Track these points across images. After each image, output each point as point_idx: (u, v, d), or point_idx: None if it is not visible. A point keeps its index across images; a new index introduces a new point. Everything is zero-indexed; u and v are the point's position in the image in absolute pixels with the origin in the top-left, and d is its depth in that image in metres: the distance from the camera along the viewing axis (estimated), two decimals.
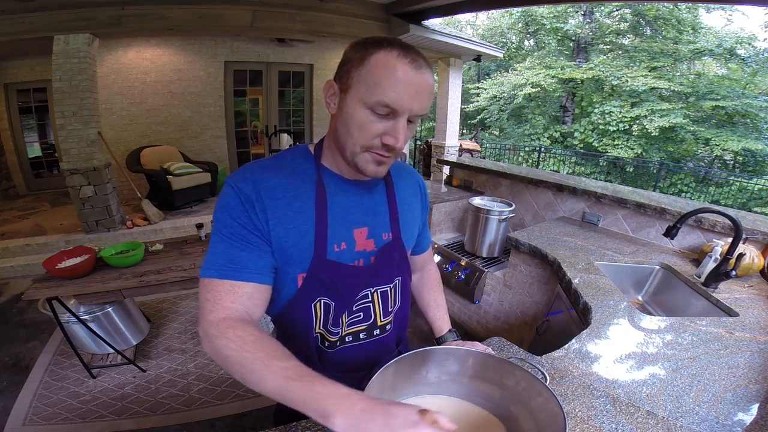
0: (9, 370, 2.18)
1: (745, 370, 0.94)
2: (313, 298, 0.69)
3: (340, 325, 0.73)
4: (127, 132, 5.16)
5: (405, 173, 0.84)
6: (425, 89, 0.59)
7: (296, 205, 0.66)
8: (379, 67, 0.57)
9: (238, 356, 0.54)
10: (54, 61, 3.27)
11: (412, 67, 0.57)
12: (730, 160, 9.51)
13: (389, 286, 0.78)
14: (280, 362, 0.52)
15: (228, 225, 0.63)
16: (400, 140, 0.60)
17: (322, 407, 0.46)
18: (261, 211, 0.63)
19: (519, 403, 0.65)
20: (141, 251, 2.06)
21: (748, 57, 9.64)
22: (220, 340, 0.56)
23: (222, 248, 0.63)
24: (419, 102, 0.59)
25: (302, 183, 0.68)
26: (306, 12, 4.11)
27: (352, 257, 0.71)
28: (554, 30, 11.70)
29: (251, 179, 0.64)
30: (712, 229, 1.70)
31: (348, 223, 0.70)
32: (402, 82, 0.56)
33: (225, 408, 1.92)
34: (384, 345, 0.82)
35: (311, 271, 0.67)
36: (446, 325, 0.93)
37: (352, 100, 0.60)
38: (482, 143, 10.33)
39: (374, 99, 0.57)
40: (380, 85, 0.56)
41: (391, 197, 0.77)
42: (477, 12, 12.42)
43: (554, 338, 1.52)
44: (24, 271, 3.46)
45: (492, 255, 2.45)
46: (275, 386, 0.50)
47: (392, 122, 0.59)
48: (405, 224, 0.78)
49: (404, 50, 0.57)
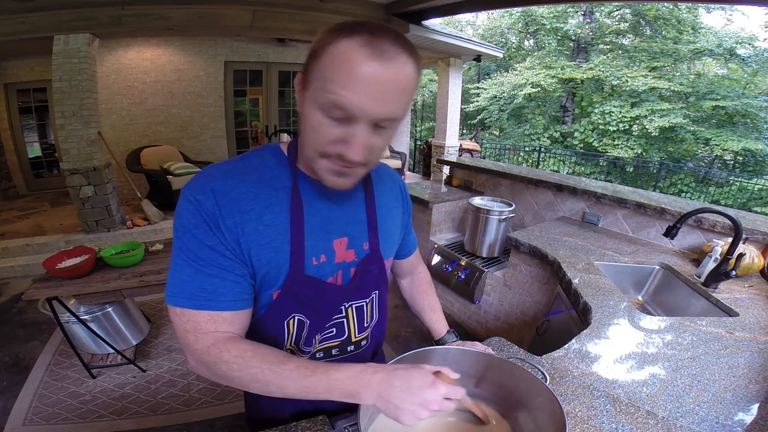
0: (9, 370, 2.18)
1: (745, 370, 0.94)
2: (287, 315, 0.64)
3: (312, 344, 0.69)
4: (127, 132, 5.16)
5: (385, 177, 0.77)
6: (392, 87, 0.46)
7: (268, 218, 0.58)
8: (335, 60, 0.46)
9: (247, 375, 0.54)
10: (54, 61, 3.27)
11: (375, 60, 0.44)
12: (730, 160, 9.52)
13: (365, 301, 0.72)
14: (288, 365, 0.54)
15: (193, 248, 0.55)
16: (354, 151, 0.49)
17: (347, 389, 0.51)
18: (228, 229, 0.55)
19: (519, 403, 0.65)
20: (141, 251, 2.06)
21: (748, 57, 9.64)
22: (220, 366, 0.55)
23: (190, 274, 0.55)
24: (385, 104, 0.47)
25: (273, 191, 0.59)
26: (306, 12, 4.11)
27: (333, 269, 0.65)
28: (554, 30, 11.70)
29: (211, 189, 0.55)
30: (712, 229, 1.70)
31: (327, 234, 0.64)
32: (361, 80, 0.45)
33: (225, 408, 1.92)
34: (358, 360, 0.76)
35: (286, 287, 0.61)
36: (443, 326, 0.91)
37: (308, 99, 0.50)
38: (482, 143, 10.33)
39: (327, 99, 0.47)
40: (334, 82, 0.46)
41: (371, 205, 0.70)
42: (477, 12, 12.42)
43: (554, 338, 1.52)
44: (24, 271, 3.46)
45: (492, 255, 2.45)
46: (297, 388, 0.53)
47: (348, 128, 0.49)
48: (384, 233, 0.72)
49: (372, 37, 0.45)
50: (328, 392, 0.51)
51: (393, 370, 0.51)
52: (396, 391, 0.49)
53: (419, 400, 0.48)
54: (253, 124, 6.24)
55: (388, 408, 0.49)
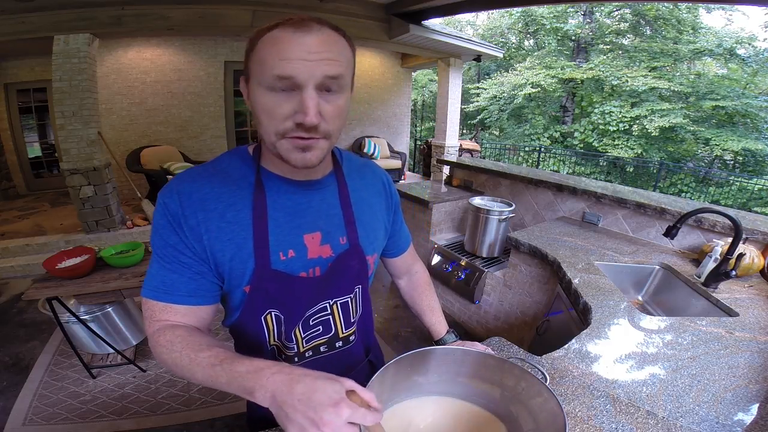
0: (9, 370, 2.18)
1: (745, 370, 0.94)
2: (262, 311, 0.65)
3: (294, 339, 0.69)
4: (127, 132, 5.16)
5: (367, 171, 0.78)
6: (323, 48, 0.51)
7: (230, 215, 0.60)
8: (268, 43, 0.52)
9: (169, 358, 0.56)
10: (54, 61, 3.27)
11: (297, 30, 0.51)
12: (730, 160, 9.51)
13: (349, 297, 0.73)
14: (204, 353, 0.53)
15: (160, 246, 0.60)
16: (309, 113, 0.52)
17: (243, 384, 0.47)
18: (190, 228, 0.59)
19: (519, 403, 0.65)
20: (141, 251, 2.06)
21: (748, 57, 9.63)
22: (156, 349, 0.58)
23: (156, 269, 0.61)
24: (320, 65, 0.51)
25: (238, 189, 0.62)
26: (306, 12, 4.11)
27: (305, 265, 0.65)
28: (554, 30, 11.70)
29: (177, 192, 0.59)
30: (712, 229, 1.70)
31: (296, 229, 0.64)
32: (290, 48, 0.50)
33: (225, 408, 1.92)
34: (350, 355, 0.78)
35: (254, 282, 0.62)
36: (443, 327, 0.91)
37: (253, 87, 0.55)
38: (482, 143, 10.33)
39: (267, 75, 0.51)
40: (268, 59, 0.51)
41: (344, 197, 0.70)
42: (477, 12, 12.41)
43: (554, 338, 1.52)
44: (24, 271, 3.46)
45: (492, 255, 2.45)
46: (204, 376, 0.52)
47: (298, 96, 0.52)
48: (364, 227, 0.72)
49: (297, 21, 0.52)
50: (229, 384, 0.49)
51: (300, 375, 0.45)
52: (292, 399, 0.43)
53: (313, 416, 0.41)
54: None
55: (278, 415, 0.44)
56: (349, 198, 0.71)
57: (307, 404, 0.42)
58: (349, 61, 0.56)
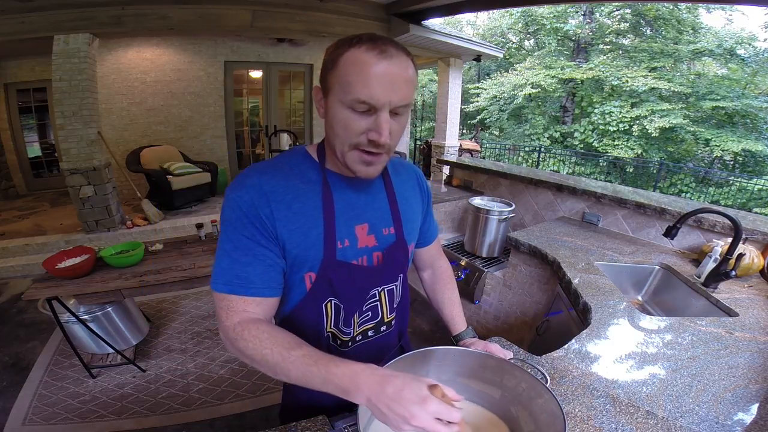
0: (9, 370, 2.18)
1: (745, 370, 0.94)
2: (324, 299, 0.71)
3: (351, 325, 0.75)
4: (127, 132, 5.16)
5: (402, 169, 0.84)
6: (400, 78, 0.57)
7: (296, 206, 0.66)
8: (349, 65, 0.57)
9: (258, 355, 0.59)
10: (54, 61, 3.26)
11: (381, 59, 0.56)
12: (730, 160, 9.51)
13: (395, 284, 0.79)
14: (296, 352, 0.57)
15: (232, 239, 0.64)
16: (383, 134, 0.59)
17: (341, 385, 0.53)
18: (267, 216, 0.64)
19: (519, 404, 0.65)
20: (141, 251, 2.06)
21: (748, 57, 9.64)
22: (239, 342, 0.61)
23: (227, 263, 0.64)
24: (396, 93, 0.57)
25: (301, 183, 0.68)
26: (306, 12, 4.11)
27: (355, 254, 0.71)
28: (554, 30, 11.70)
29: (250, 185, 0.65)
30: (712, 229, 1.70)
31: (349, 220, 0.71)
32: (373, 76, 0.55)
33: (225, 408, 1.92)
34: (387, 341, 0.84)
35: (321, 271, 0.68)
36: (462, 322, 0.92)
37: (332, 102, 0.60)
38: (482, 143, 10.33)
39: (350, 98, 0.57)
40: (353, 83, 0.56)
41: (391, 193, 0.77)
42: (477, 12, 12.40)
43: (554, 338, 1.52)
44: (24, 271, 3.46)
45: (492, 255, 2.45)
46: (298, 374, 0.56)
47: (373, 117, 0.59)
48: (406, 220, 0.79)
49: (372, 43, 0.56)
50: (324, 384, 0.54)
51: (390, 377, 0.51)
52: (385, 398, 0.49)
53: (404, 412, 0.48)
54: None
55: (375, 412, 0.51)
56: (395, 195, 0.78)
57: (398, 401, 0.49)
58: (416, 84, 0.62)
